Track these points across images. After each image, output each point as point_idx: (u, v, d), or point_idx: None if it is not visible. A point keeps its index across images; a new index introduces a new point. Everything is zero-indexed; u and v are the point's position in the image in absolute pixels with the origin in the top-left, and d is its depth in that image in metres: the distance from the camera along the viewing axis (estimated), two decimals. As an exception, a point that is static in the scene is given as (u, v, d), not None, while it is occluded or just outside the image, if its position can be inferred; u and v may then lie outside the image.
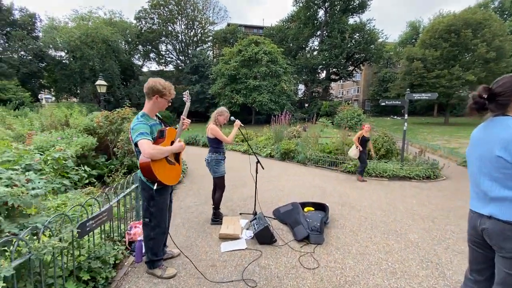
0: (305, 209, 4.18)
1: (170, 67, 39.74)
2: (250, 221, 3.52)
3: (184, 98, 2.78)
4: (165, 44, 37.12)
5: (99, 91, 14.37)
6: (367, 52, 32.59)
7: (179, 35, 36.69)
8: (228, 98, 25.99)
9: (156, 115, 2.50)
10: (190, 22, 35.87)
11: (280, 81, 25.69)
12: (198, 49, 35.15)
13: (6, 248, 1.53)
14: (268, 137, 12.83)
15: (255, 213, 3.91)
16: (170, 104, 2.47)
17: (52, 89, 29.96)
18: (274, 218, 4.01)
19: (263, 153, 10.90)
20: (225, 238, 3.25)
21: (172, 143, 2.39)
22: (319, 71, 36.23)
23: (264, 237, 3.12)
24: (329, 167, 8.11)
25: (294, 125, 15.15)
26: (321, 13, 34.38)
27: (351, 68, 35.86)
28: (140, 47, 36.58)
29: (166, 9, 33.94)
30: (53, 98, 31.39)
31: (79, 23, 25.93)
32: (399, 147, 8.56)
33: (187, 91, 2.93)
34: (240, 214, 4.20)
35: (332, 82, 39.99)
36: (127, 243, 2.91)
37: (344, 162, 7.79)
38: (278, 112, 12.53)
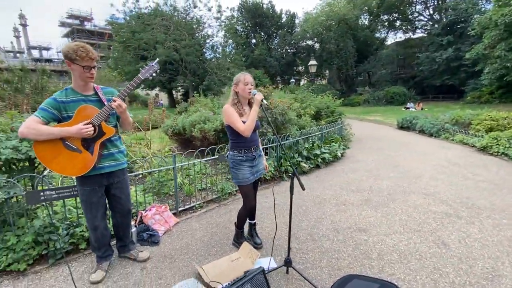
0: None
1: (419, 33, 32.68)
2: (242, 277, 1.98)
3: (143, 70, 2.01)
4: (413, 5, 30.69)
5: (310, 71, 15.36)
6: None
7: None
8: (500, 61, 16.61)
9: (96, 90, 1.99)
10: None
11: None
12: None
13: None
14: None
15: (286, 262, 2.18)
16: (89, 70, 1.85)
17: (304, 75, 36.81)
18: (321, 293, 1.98)
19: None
20: (199, 278, 2.12)
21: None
22: None
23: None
24: None
25: None
26: None
27: None
28: (383, 17, 33.35)
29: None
30: (305, 82, 38.59)
31: (324, 9, 28.55)
32: None
33: (157, 60, 2.06)
34: (290, 248, 2.56)
35: None
36: (137, 220, 2.85)
37: None
38: None
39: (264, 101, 2.13)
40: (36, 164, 2.62)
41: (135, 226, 2.71)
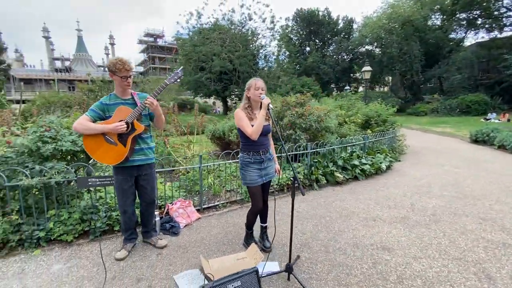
0: None
1: (507, 32, 27.52)
2: (235, 273, 2.00)
3: (169, 77, 2.33)
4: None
5: (364, 77, 14.41)
6: None
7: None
8: None
9: (132, 95, 2.34)
10: None
11: None
12: None
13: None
14: None
15: (287, 268, 2.14)
16: (126, 79, 2.22)
17: (362, 81, 34.62)
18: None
19: None
20: (206, 267, 2.24)
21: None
22: None
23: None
24: None
25: None
26: None
27: None
28: (461, 15, 29.17)
29: None
30: (360, 88, 36.34)
31: (385, 12, 26.53)
32: None
33: (181, 67, 2.35)
34: (298, 256, 2.49)
35: None
36: (164, 212, 3.17)
37: None
38: None
39: (271, 105, 2.18)
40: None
41: (160, 217, 3.02)
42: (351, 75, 32.56)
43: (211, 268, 2.22)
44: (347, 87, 27.68)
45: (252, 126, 2.25)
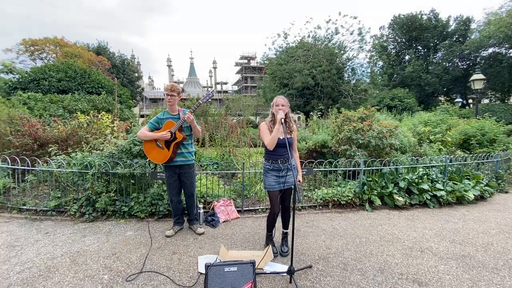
0: None
1: None
2: (234, 260, 2.26)
3: (204, 95, 2.99)
4: None
5: (473, 87, 11.69)
6: None
7: None
8: None
9: (179, 112, 3.07)
10: None
11: None
12: None
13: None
14: None
15: (289, 271, 2.27)
16: (168, 97, 2.98)
17: (489, 91, 27.63)
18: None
19: None
20: (223, 255, 2.63)
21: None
22: None
23: None
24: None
25: None
26: None
27: None
28: None
29: None
30: (486, 100, 29.03)
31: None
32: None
33: (213, 89, 2.92)
34: (310, 266, 2.54)
35: None
36: (211, 208, 3.77)
37: None
38: None
39: (283, 120, 2.43)
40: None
41: (206, 211, 3.63)
42: (468, 84, 26.56)
43: (228, 256, 2.60)
44: (459, 99, 22.72)
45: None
